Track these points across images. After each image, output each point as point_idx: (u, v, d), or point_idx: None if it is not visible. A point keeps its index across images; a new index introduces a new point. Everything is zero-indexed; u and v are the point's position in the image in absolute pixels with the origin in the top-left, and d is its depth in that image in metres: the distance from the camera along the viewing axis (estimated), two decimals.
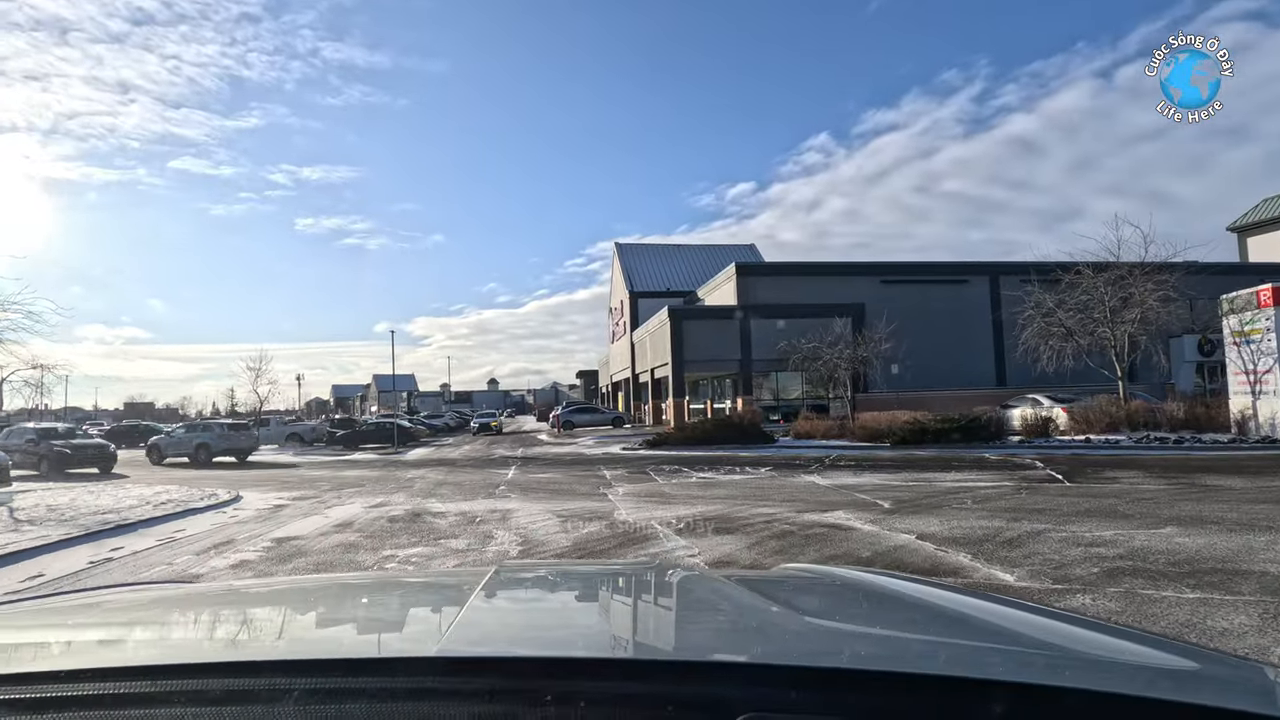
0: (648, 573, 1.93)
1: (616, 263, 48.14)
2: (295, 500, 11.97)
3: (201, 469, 21.13)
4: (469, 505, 10.22)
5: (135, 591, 1.67)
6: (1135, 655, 0.94)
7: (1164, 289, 16.39)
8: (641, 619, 1.27)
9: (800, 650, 0.96)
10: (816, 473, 12.73)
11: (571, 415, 36.72)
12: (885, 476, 11.80)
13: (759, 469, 13.77)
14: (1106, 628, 1.18)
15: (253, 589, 1.85)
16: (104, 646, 1.05)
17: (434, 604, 1.32)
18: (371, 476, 15.95)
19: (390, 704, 0.68)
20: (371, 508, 10.40)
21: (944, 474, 11.82)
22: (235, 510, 10.83)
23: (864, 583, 1.45)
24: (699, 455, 17.32)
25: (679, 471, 13.92)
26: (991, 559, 5.63)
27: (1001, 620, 1.10)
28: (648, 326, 36.92)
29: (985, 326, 33.72)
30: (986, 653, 0.94)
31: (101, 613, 1.28)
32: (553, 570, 2.32)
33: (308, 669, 0.76)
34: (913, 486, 10.32)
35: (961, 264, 35.19)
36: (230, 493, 12.82)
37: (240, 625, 1.18)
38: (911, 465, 13.49)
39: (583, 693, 0.70)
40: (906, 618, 1.20)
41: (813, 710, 0.67)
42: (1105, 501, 8.26)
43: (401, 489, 13.11)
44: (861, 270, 33.87)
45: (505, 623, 1.16)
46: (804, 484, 11.26)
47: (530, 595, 1.41)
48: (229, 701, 0.70)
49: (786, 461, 15.15)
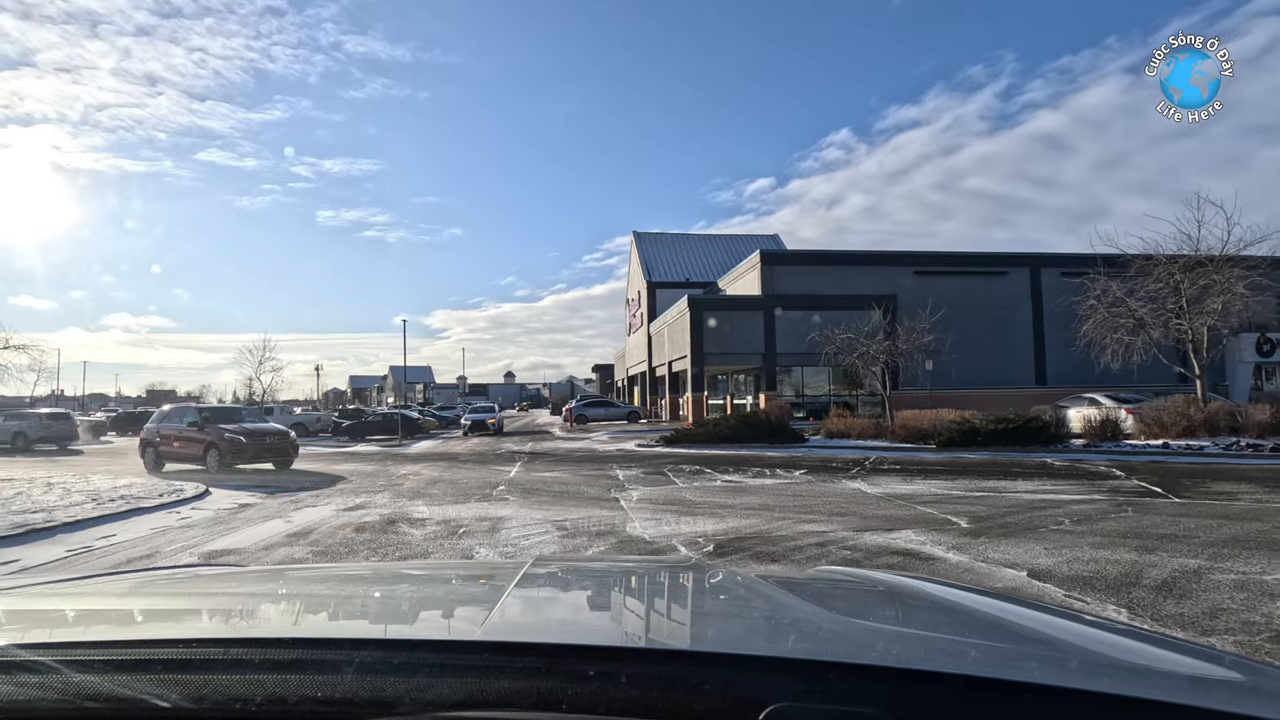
0: (681, 571, 1.77)
1: (634, 253, 46.51)
2: (265, 499, 10.56)
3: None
4: (457, 511, 8.72)
5: (200, 571, 1.91)
6: (1175, 664, 0.91)
7: (1253, 275, 14.45)
8: (676, 613, 1.26)
9: (830, 647, 0.97)
10: (860, 478, 11.09)
11: (585, 409, 35.15)
12: (942, 484, 10.13)
13: (792, 472, 12.15)
14: (1148, 636, 1.13)
15: (311, 572, 2.11)
16: (178, 618, 1.20)
17: (481, 591, 1.36)
18: (362, 471, 14.56)
19: (443, 678, 0.73)
20: (345, 511, 8.95)
21: (1010, 483, 10.13)
22: (192, 510, 9.43)
23: (898, 585, 1.45)
24: (722, 455, 15.72)
25: (701, 473, 12.34)
26: (1160, 616, 3.98)
27: (1038, 625, 1.08)
28: (666, 318, 35.31)
29: (1025, 322, 31.70)
30: (1018, 656, 0.95)
31: (168, 589, 1.44)
32: (586, 564, 2.29)
33: (364, 645, 0.81)
34: (984, 499, 8.65)
35: (1001, 255, 33.12)
36: (198, 489, 11.47)
37: (302, 604, 1.29)
38: (968, 471, 11.79)
39: (620, 673, 0.72)
40: (939, 620, 1.19)
41: (841, 704, 0.67)
42: (1247, 526, 6.55)
43: (389, 487, 11.67)
44: (894, 260, 31.97)
45: (540, 612, 1.20)
46: (849, 492, 9.63)
47: (565, 587, 1.43)
48: (294, 670, 0.75)
49: (822, 464, 13.51)
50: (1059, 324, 32.08)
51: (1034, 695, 0.70)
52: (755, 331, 29.10)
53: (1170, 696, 0.74)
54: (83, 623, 1.13)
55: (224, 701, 0.72)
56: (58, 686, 0.75)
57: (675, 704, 0.69)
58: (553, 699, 0.69)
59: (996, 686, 0.72)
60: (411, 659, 0.77)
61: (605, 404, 36.99)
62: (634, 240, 46.68)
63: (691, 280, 40.73)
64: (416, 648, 0.84)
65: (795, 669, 0.76)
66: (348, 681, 0.73)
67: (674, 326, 32.96)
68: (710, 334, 29.18)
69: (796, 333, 28.90)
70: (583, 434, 26.73)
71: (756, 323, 29.15)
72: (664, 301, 38.89)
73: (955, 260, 31.97)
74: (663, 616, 1.25)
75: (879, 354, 17.59)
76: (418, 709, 0.70)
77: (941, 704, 0.69)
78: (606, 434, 25.61)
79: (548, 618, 1.19)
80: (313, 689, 0.73)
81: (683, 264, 44.03)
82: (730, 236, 49.25)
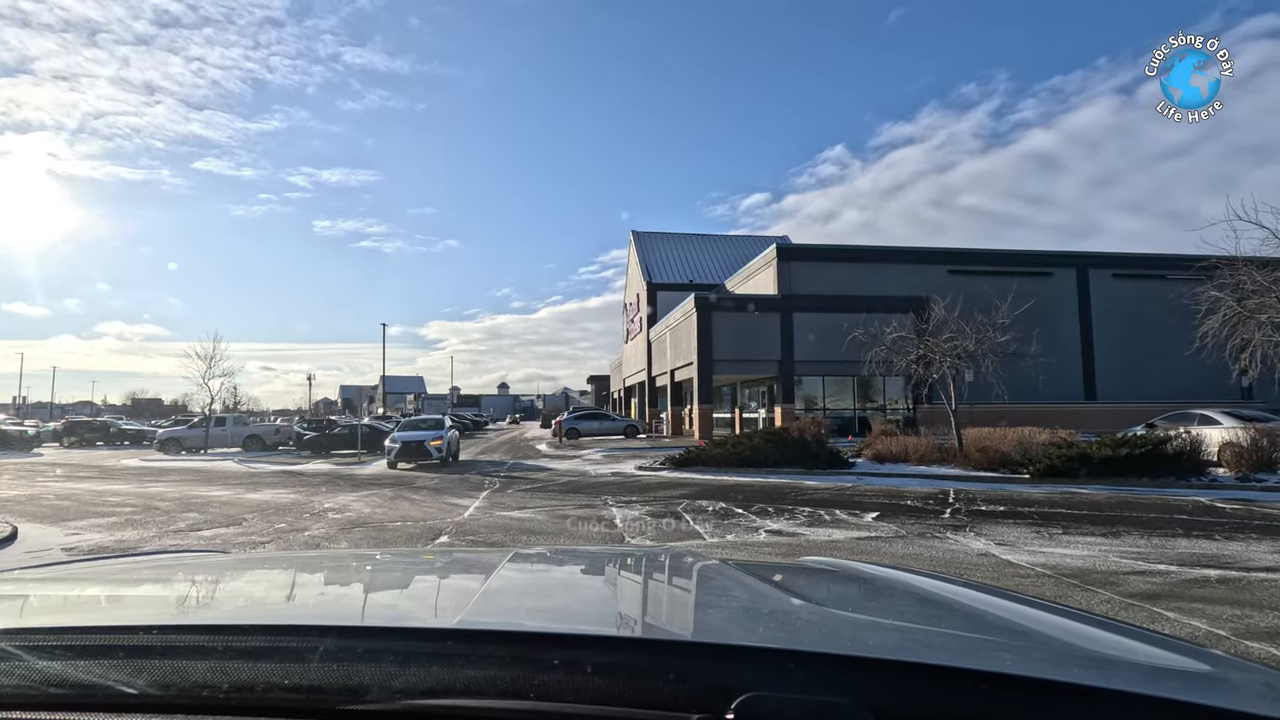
0: (663, 559, 1.73)
1: (633, 253, 43.09)
2: (98, 545, 7.02)
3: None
4: None
5: (187, 558, 1.75)
6: (1147, 656, 0.91)
7: None
8: (652, 601, 1.26)
9: (805, 636, 0.97)
10: (972, 530, 7.59)
11: (577, 422, 31.47)
12: (1105, 544, 6.65)
13: (860, 515, 8.65)
14: (1125, 628, 1.08)
15: (294, 559, 2.16)
16: (151, 604, 1.17)
17: (457, 580, 1.36)
18: (277, 503, 10.99)
19: (411, 666, 0.71)
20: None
21: (1204, 540, 6.66)
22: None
23: (880, 576, 1.44)
24: (747, 484, 12.20)
25: (729, 516, 8.84)
26: None
27: (1016, 617, 1.06)
28: (668, 321, 31.85)
29: (1071, 328, 28.33)
30: (993, 646, 0.93)
31: (154, 575, 1.40)
32: (569, 554, 2.15)
33: (330, 633, 0.80)
34: (1206, 579, 5.16)
35: (1045, 254, 29.84)
36: (8, 526, 7.95)
37: (279, 591, 1.28)
38: (1106, 516, 8.31)
39: (587, 661, 0.70)
40: (918, 611, 1.18)
41: (814, 694, 0.66)
42: None
43: (290, 532, 8.15)
44: (925, 257, 28.66)
45: (517, 600, 1.17)
46: (978, 561, 6.14)
47: (546, 576, 1.43)
48: (262, 657, 0.75)
49: (891, 500, 9.99)
50: (1112, 331, 28.82)
51: (1005, 686, 0.69)
52: (771, 335, 25.64)
53: (1135, 687, 0.75)
54: (46, 609, 1.11)
55: (190, 688, 0.71)
56: (20, 673, 0.73)
57: (642, 693, 0.67)
58: (519, 688, 0.68)
59: (969, 677, 0.71)
60: (378, 646, 0.76)
61: (600, 416, 33.26)
62: (633, 240, 43.26)
63: (695, 282, 37.26)
64: (383, 635, 0.83)
65: (767, 658, 0.75)
66: (314, 669, 0.72)
67: (678, 331, 29.49)
68: (720, 338, 25.71)
69: (819, 337, 25.46)
70: (573, 451, 23.14)
71: (772, 325, 25.70)
72: (665, 305, 35.44)
73: (994, 259, 28.64)
74: (638, 605, 1.23)
75: (944, 357, 14.11)
76: (386, 696, 0.68)
77: (915, 694, 0.68)
78: (601, 452, 22.03)
79: (523, 605, 1.15)
80: (280, 676, 0.72)
81: (685, 265, 40.61)
82: (735, 237, 45.94)
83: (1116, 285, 28.80)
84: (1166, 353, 28.40)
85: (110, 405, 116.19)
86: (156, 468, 19.92)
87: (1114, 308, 28.51)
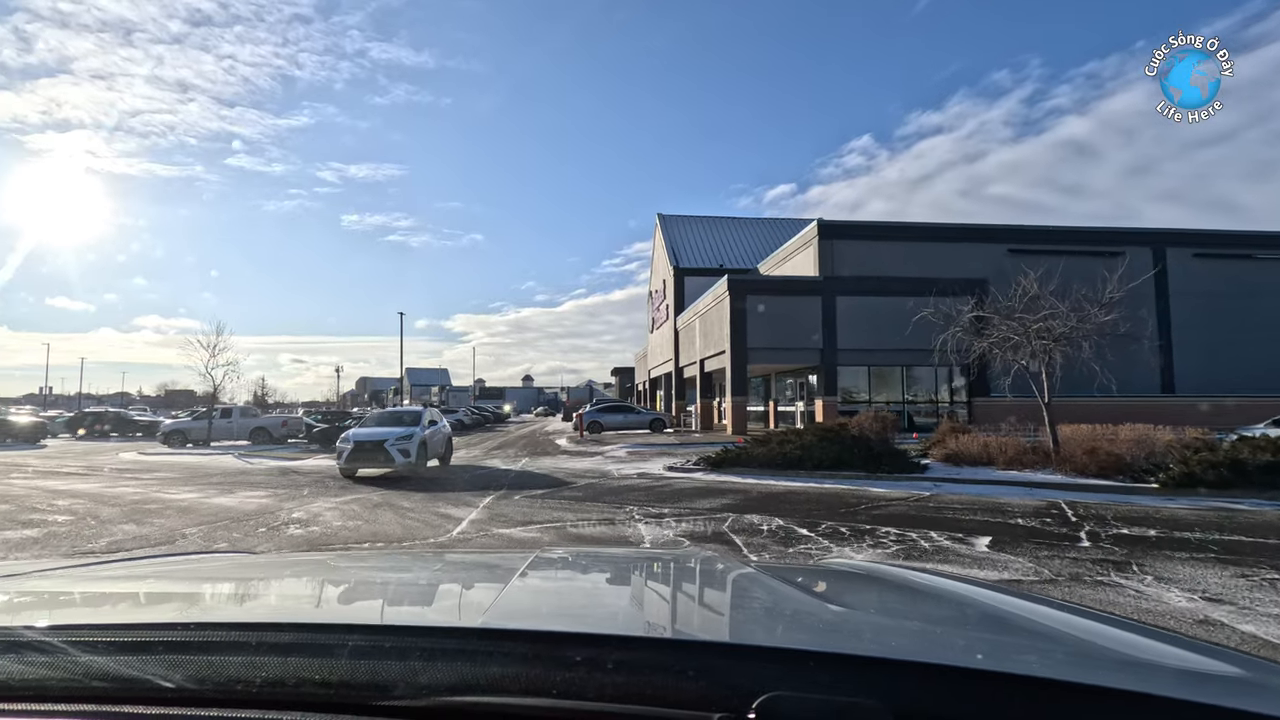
0: (684, 561, 1.79)
1: (658, 238, 40.95)
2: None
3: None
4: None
5: (217, 558, 1.85)
6: (1179, 660, 0.87)
7: None
8: (674, 602, 1.25)
9: (828, 638, 0.95)
10: (1141, 571, 5.41)
11: (599, 415, 29.52)
12: None
13: (965, 541, 6.52)
14: (1149, 630, 1.06)
15: (319, 559, 2.28)
16: (185, 602, 1.18)
17: (481, 582, 1.36)
18: (240, 511, 9.21)
19: (437, 663, 0.72)
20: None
21: None
22: None
23: (900, 578, 1.42)
24: (801, 491, 10.12)
25: (790, 537, 6.78)
26: None
27: (1040, 619, 1.04)
28: (697, 307, 29.72)
29: (1146, 312, 25.53)
30: (1019, 649, 0.92)
31: (190, 574, 1.44)
32: (591, 556, 2.07)
33: (358, 630, 0.82)
34: None
35: (1117, 230, 27.07)
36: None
37: (307, 590, 1.31)
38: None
39: (609, 660, 0.71)
40: (941, 613, 1.16)
41: (838, 695, 0.66)
42: None
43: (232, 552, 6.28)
44: (982, 235, 26.04)
45: (540, 600, 1.20)
46: (1196, 629, 4.01)
47: (567, 577, 1.42)
48: (292, 653, 0.76)
49: (994, 519, 7.82)
50: (1192, 317, 25.97)
51: (1033, 689, 0.68)
52: (811, 321, 23.38)
53: (1169, 691, 0.72)
54: (89, 605, 1.14)
55: (225, 683, 0.73)
56: (66, 666, 0.76)
57: (664, 691, 0.67)
58: (543, 685, 0.69)
59: (996, 679, 0.70)
60: (405, 644, 0.77)
61: (624, 409, 31.25)
62: (659, 223, 41.08)
63: (725, 266, 34.98)
64: (410, 634, 0.84)
65: (790, 659, 0.75)
66: (344, 665, 0.73)
67: (708, 317, 27.36)
68: (755, 324, 23.52)
69: (865, 323, 23.16)
70: (595, 447, 21.22)
71: (813, 310, 23.44)
72: (693, 291, 33.31)
73: (1059, 236, 26.00)
74: (660, 606, 1.23)
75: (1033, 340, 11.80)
76: (413, 693, 0.70)
77: (941, 697, 0.68)
78: (624, 448, 20.06)
79: (547, 605, 1.18)
80: (311, 671, 0.74)
81: (714, 249, 38.34)
82: (767, 220, 43.45)
83: (1197, 266, 25.93)
84: (1248, 339, 25.57)
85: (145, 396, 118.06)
86: (147, 463, 18.47)
87: (1194, 290, 25.67)
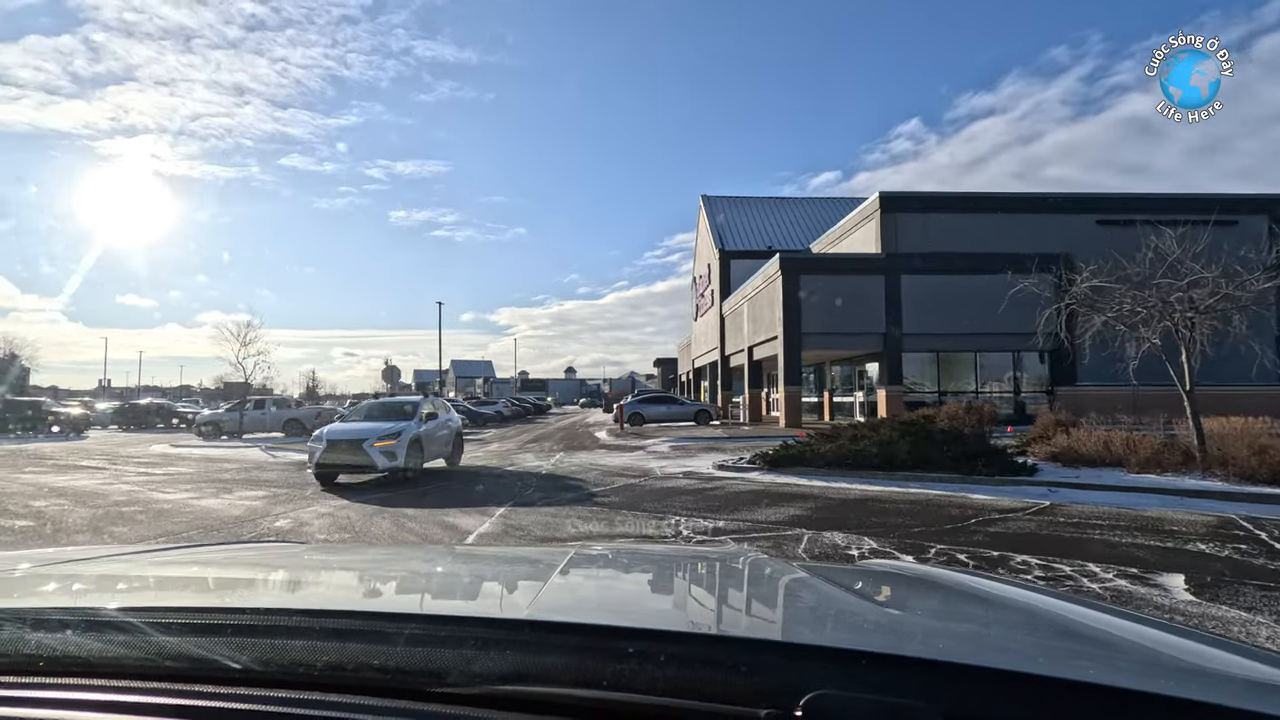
0: (727, 560, 1.73)
1: (703, 220, 38.99)
2: None
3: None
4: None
5: (276, 547, 2.08)
6: (1244, 669, 0.85)
7: None
8: (719, 599, 1.25)
9: (875, 638, 0.95)
10: None
11: (641, 406, 27.90)
12: None
13: (1142, 580, 4.64)
14: (1208, 637, 1.05)
15: (372, 552, 2.47)
16: (248, 588, 1.25)
17: (524, 576, 1.38)
18: (226, 516, 7.94)
19: (490, 653, 0.74)
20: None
21: None
22: None
23: (946, 580, 1.41)
24: (884, 497, 8.31)
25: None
26: None
27: (1094, 623, 1.02)
28: (745, 290, 27.79)
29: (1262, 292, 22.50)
30: (1073, 654, 0.91)
31: (248, 563, 1.51)
32: (631, 552, 2.16)
33: (414, 619, 0.86)
34: None
35: (1225, 197, 23.90)
36: None
37: (361, 579, 1.35)
38: None
39: (660, 653, 0.72)
40: (990, 615, 1.13)
41: (885, 695, 0.65)
42: None
43: None
44: (1065, 205, 23.39)
45: (584, 594, 1.22)
46: None
47: (609, 573, 1.45)
48: (351, 639, 0.79)
49: (1159, 543, 5.87)
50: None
51: (1088, 695, 0.67)
52: (873, 302, 21.27)
53: (1232, 700, 0.71)
54: (161, 589, 1.21)
55: (288, 665, 0.76)
56: (142, 645, 0.80)
57: (713, 685, 0.68)
58: (593, 676, 0.70)
59: (1050, 684, 0.68)
60: (458, 633, 0.80)
61: (667, 400, 29.55)
62: (702, 206, 39.13)
63: (774, 248, 32.89)
64: (464, 624, 0.86)
65: (838, 658, 0.76)
66: (400, 652, 0.76)
67: (757, 300, 25.42)
68: (810, 307, 21.51)
69: (933, 303, 20.93)
70: (636, 441, 19.63)
71: (875, 290, 21.30)
72: (739, 275, 31.35)
73: (1156, 205, 23.03)
74: (705, 602, 1.24)
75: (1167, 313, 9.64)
76: (466, 680, 0.72)
77: (991, 700, 0.66)
78: (668, 442, 18.41)
79: (591, 600, 1.20)
80: (369, 657, 0.76)
81: (762, 230, 36.20)
82: (816, 200, 41.02)
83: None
84: None
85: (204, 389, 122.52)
86: (170, 455, 17.73)
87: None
